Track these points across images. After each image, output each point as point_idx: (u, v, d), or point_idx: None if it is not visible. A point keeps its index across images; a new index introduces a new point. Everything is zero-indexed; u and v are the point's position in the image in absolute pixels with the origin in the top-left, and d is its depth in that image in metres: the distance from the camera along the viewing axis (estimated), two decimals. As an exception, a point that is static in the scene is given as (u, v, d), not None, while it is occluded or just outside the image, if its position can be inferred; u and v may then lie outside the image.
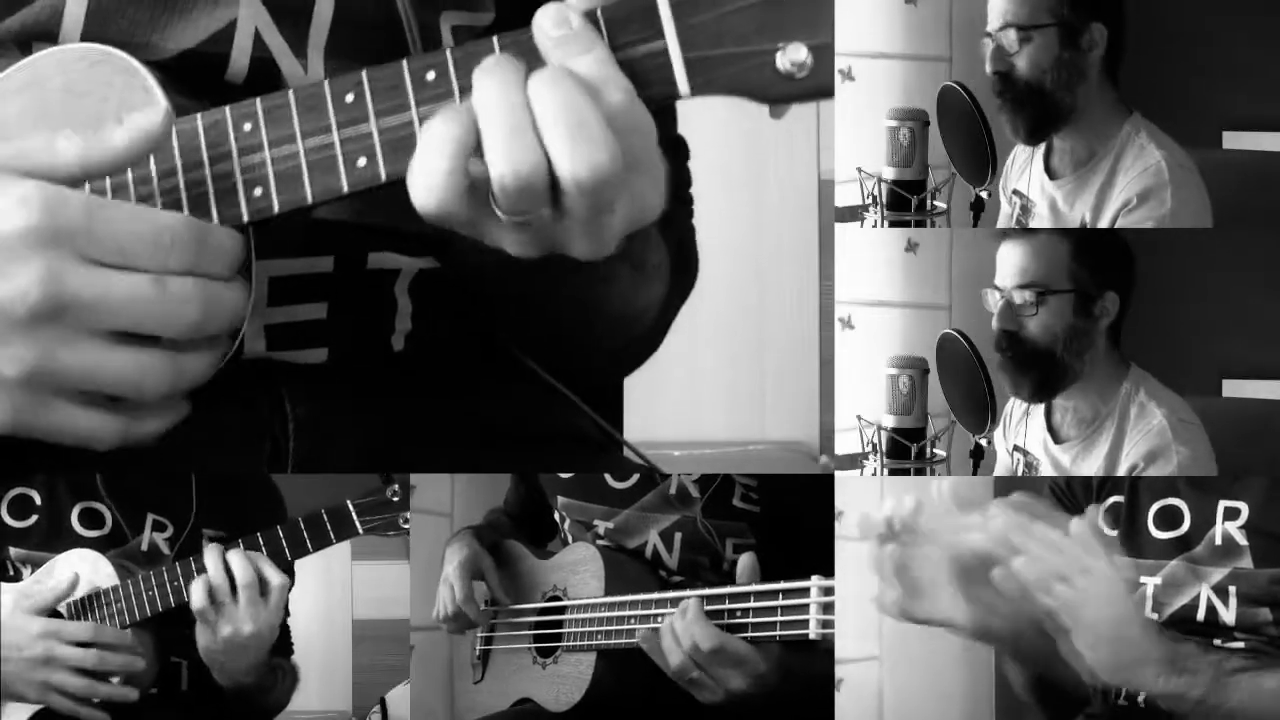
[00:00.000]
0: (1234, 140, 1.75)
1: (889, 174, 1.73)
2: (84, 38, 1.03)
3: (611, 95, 0.88)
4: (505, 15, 1.15)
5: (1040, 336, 1.61)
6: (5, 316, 0.89)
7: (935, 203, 1.74)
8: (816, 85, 0.89)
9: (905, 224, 1.75)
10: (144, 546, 1.47)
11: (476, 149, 0.89)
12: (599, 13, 0.90)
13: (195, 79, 1.04)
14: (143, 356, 0.92)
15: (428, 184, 0.89)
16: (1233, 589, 1.23)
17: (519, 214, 0.89)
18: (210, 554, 1.38)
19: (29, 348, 0.90)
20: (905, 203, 1.74)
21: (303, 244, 1.10)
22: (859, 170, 1.74)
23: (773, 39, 0.88)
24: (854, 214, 1.76)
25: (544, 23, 0.90)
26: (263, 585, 1.38)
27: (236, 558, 1.38)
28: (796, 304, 2.45)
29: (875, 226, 1.75)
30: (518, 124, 0.88)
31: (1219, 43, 1.73)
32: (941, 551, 1.11)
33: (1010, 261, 1.63)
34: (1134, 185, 1.61)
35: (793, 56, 0.88)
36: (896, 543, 1.12)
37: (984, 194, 1.72)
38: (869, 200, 1.74)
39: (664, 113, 1.24)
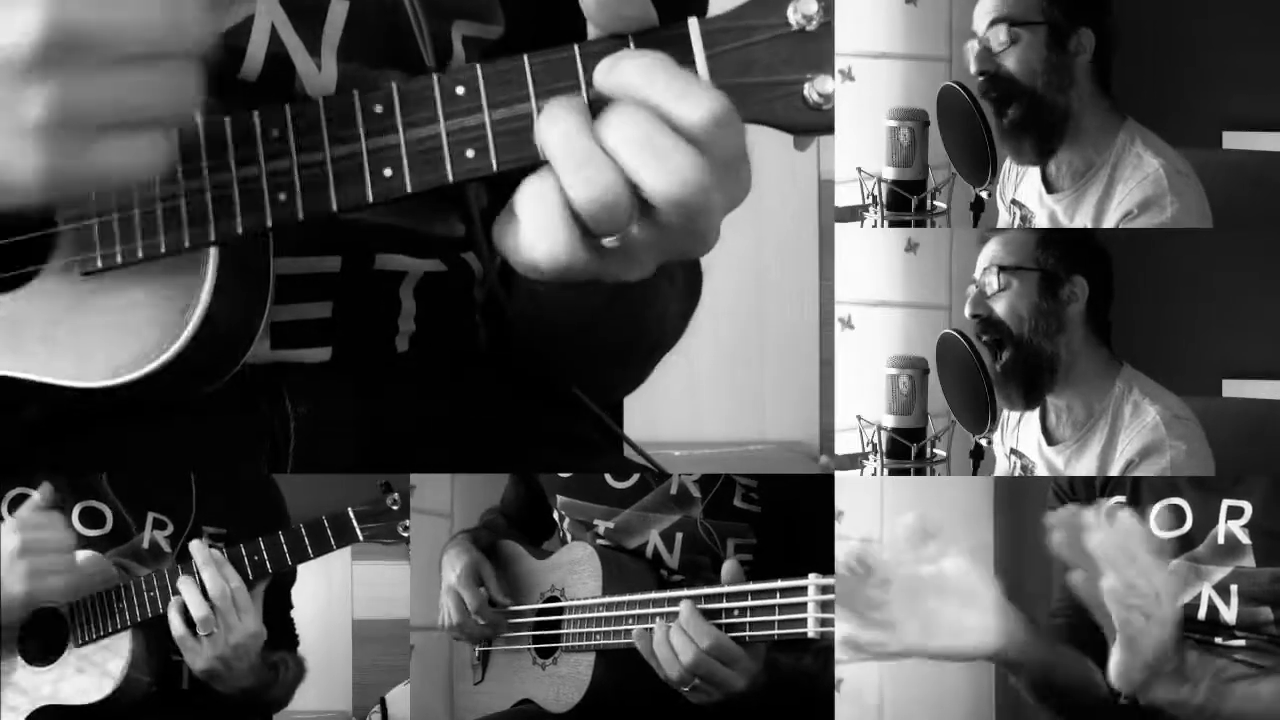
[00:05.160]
0: (1234, 140, 1.75)
1: (889, 174, 1.73)
2: None
3: (700, 104, 0.87)
4: (514, 28, 1.15)
5: (1007, 317, 1.61)
6: (14, 61, 0.84)
7: (935, 203, 1.74)
8: (831, 120, 0.90)
9: (905, 224, 1.75)
10: (145, 544, 1.47)
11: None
12: (630, 40, 0.90)
13: (210, 73, 1.04)
14: (170, 74, 0.87)
15: (551, 243, 0.89)
16: (1234, 588, 1.23)
17: (614, 233, 0.89)
18: (185, 588, 1.38)
19: (50, 86, 0.84)
20: (905, 203, 1.74)
21: (310, 243, 1.11)
22: (859, 170, 1.74)
23: (800, 70, 0.89)
24: (854, 214, 1.76)
25: (598, 83, 0.89)
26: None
27: (208, 572, 1.38)
28: (796, 304, 2.46)
29: (875, 226, 1.75)
30: (581, 153, 0.87)
31: (1218, 43, 1.73)
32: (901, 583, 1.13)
33: (985, 253, 1.64)
34: (1134, 196, 1.61)
35: (820, 88, 0.89)
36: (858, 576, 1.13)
37: (984, 194, 1.72)
38: (869, 200, 1.74)
39: None
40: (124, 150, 0.86)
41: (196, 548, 1.39)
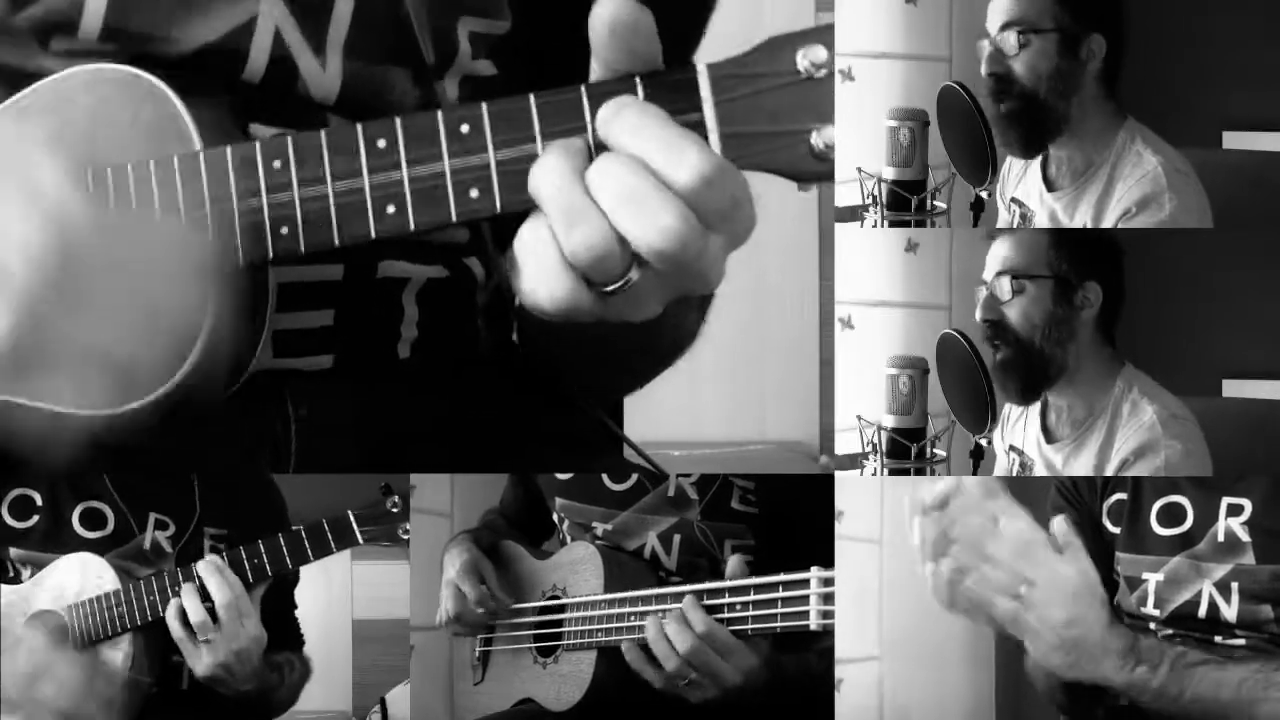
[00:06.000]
0: (1234, 140, 1.74)
1: (889, 174, 1.73)
2: (104, 30, 1.03)
3: (678, 174, 0.87)
4: (521, 24, 1.15)
5: (1020, 324, 1.61)
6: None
7: (935, 203, 1.74)
8: (833, 168, 0.90)
9: (905, 224, 1.75)
10: (146, 546, 1.47)
11: None
12: (638, 81, 0.89)
13: (213, 77, 1.03)
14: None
15: (550, 290, 0.89)
16: (1235, 585, 1.23)
17: (611, 283, 0.89)
18: (187, 595, 1.38)
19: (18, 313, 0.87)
20: (905, 203, 1.74)
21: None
22: (859, 170, 1.74)
23: (808, 119, 0.89)
24: (854, 214, 1.75)
25: (601, 112, 0.89)
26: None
27: (213, 579, 1.38)
28: (796, 304, 2.46)
29: (875, 226, 1.75)
30: (572, 204, 0.87)
31: (1219, 43, 1.73)
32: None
33: (995, 255, 1.64)
34: (1132, 193, 1.61)
35: (828, 138, 0.88)
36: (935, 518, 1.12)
37: (984, 194, 1.72)
38: (869, 200, 1.74)
39: None
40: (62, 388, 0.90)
41: (204, 563, 1.39)
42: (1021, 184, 1.70)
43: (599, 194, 0.87)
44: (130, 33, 1.03)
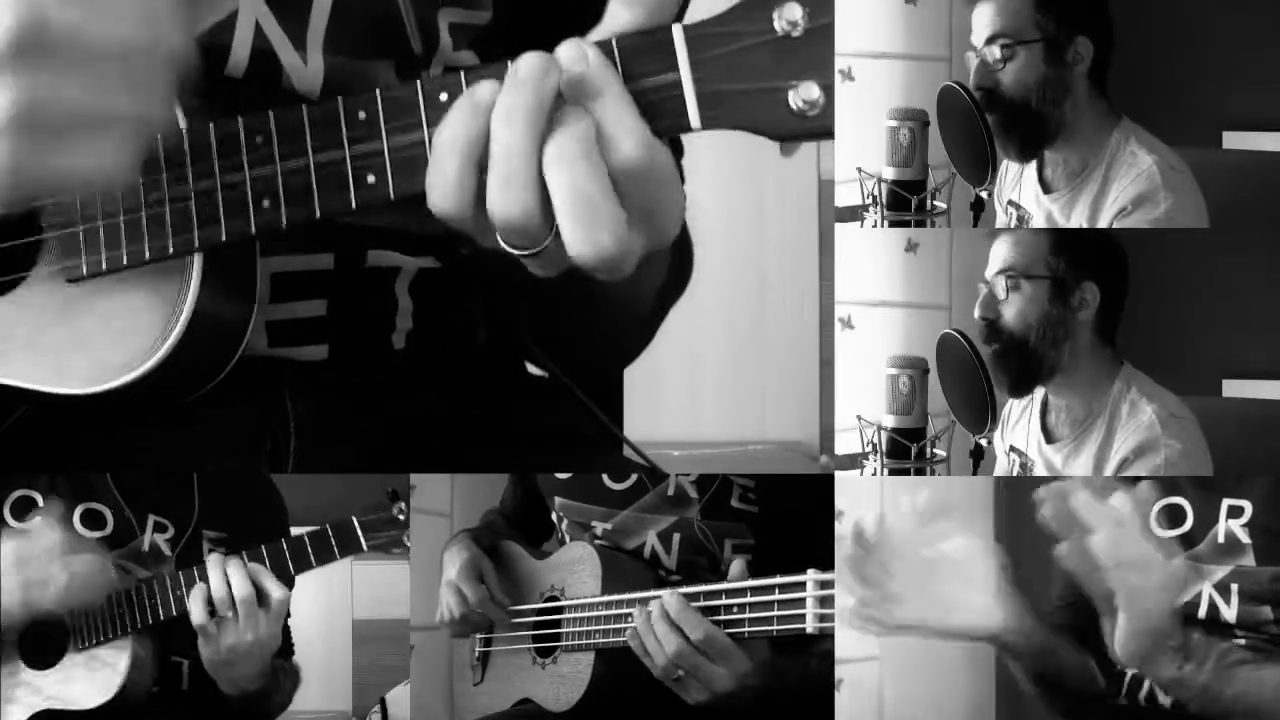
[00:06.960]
0: (1233, 140, 1.74)
1: (889, 174, 1.73)
2: None
3: (622, 149, 0.87)
4: (502, 15, 1.15)
5: (1015, 324, 1.61)
6: None
7: (935, 203, 1.74)
8: (823, 125, 0.89)
9: (905, 224, 1.75)
10: (145, 547, 1.47)
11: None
12: (614, 43, 0.89)
13: (183, 76, 1.03)
14: (140, 77, 0.86)
15: (443, 188, 0.89)
16: (1234, 586, 1.23)
17: (517, 248, 0.89)
18: (212, 566, 1.38)
19: (17, 86, 0.83)
20: (905, 203, 1.74)
21: (303, 240, 1.10)
22: (859, 170, 1.74)
23: (786, 76, 0.88)
24: (854, 214, 1.76)
25: (562, 59, 0.88)
26: (262, 597, 1.37)
27: (235, 571, 1.37)
28: (796, 304, 2.46)
29: (875, 226, 1.75)
30: (513, 173, 0.87)
31: (1218, 43, 1.73)
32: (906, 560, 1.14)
33: (996, 254, 1.64)
34: (1127, 193, 1.61)
35: (805, 95, 0.88)
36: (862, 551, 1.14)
37: (984, 194, 1.72)
38: (869, 200, 1.74)
39: None
40: (88, 153, 0.86)
41: (233, 567, 1.39)
42: (1018, 187, 1.70)
43: (550, 177, 0.87)
44: None
